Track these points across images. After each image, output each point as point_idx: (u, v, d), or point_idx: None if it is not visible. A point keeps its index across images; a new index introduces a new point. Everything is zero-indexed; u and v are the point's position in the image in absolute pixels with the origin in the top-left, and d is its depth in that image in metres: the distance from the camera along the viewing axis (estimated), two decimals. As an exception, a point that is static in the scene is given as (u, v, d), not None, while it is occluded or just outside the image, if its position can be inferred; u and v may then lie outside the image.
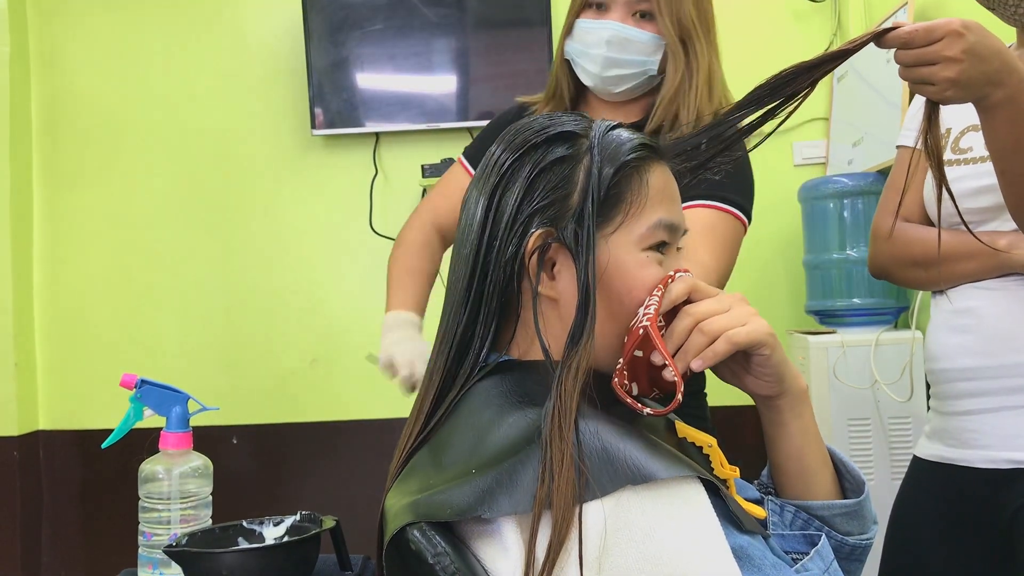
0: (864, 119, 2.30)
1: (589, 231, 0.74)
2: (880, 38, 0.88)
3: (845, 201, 2.18)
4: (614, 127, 0.79)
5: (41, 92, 2.71)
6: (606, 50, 1.28)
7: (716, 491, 0.69)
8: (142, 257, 2.70)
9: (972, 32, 0.87)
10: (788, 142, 2.54)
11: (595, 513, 0.62)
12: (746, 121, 0.85)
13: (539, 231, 0.75)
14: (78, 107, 2.71)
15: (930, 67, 0.88)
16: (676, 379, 0.71)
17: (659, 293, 0.74)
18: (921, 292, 1.87)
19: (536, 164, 0.76)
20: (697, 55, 1.29)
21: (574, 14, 1.32)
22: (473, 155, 1.47)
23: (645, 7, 1.27)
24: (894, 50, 0.89)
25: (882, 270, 1.29)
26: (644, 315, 0.73)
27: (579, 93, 1.39)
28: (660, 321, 0.73)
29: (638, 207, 0.76)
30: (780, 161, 2.54)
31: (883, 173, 2.13)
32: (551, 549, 0.61)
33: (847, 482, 0.83)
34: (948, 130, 1.22)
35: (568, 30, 1.33)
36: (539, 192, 0.75)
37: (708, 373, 0.78)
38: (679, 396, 0.71)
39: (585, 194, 0.75)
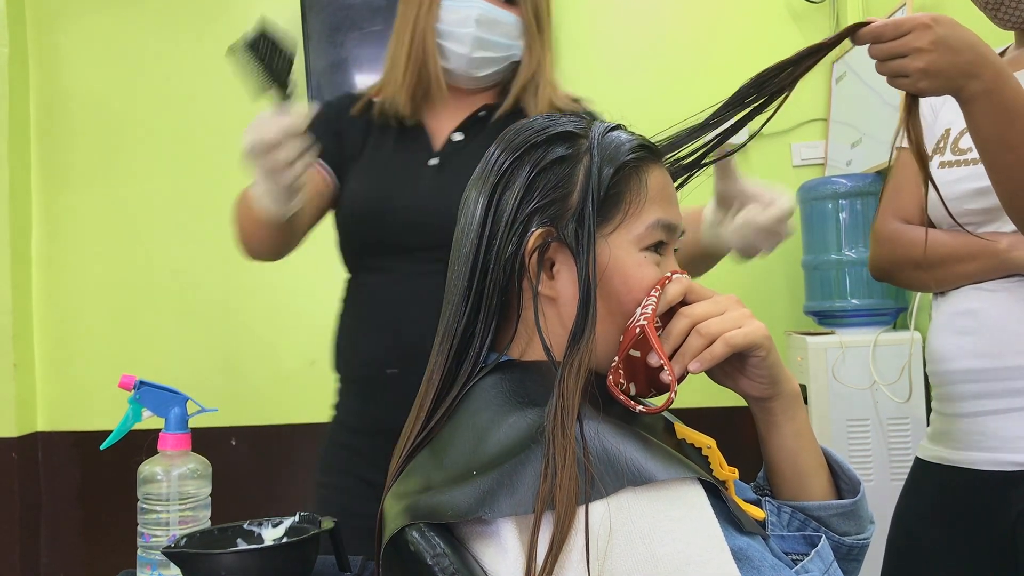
0: (863, 120, 2.30)
1: (589, 230, 0.74)
2: (854, 33, 0.90)
3: (844, 202, 2.18)
4: (613, 128, 0.80)
5: (40, 92, 2.71)
6: (475, 29, 1.24)
7: (716, 492, 0.69)
8: (141, 258, 2.69)
9: (941, 25, 0.89)
10: (787, 143, 2.54)
11: (596, 514, 0.62)
12: (734, 119, 0.86)
13: (539, 230, 0.75)
14: (76, 107, 2.71)
15: (901, 59, 0.90)
16: (671, 379, 0.71)
17: (656, 294, 0.74)
18: (920, 292, 1.87)
19: (536, 164, 0.77)
20: (546, 43, 1.29)
21: None
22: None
23: None
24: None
25: (883, 272, 1.29)
26: (641, 315, 0.73)
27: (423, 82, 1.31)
28: (657, 322, 0.74)
29: (637, 207, 0.77)
30: (779, 162, 2.54)
31: (882, 174, 2.13)
32: (553, 545, 0.61)
33: (842, 482, 0.83)
34: (947, 130, 1.22)
35: (432, 9, 1.26)
36: (539, 191, 0.76)
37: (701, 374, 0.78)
38: (672, 395, 0.71)
39: (585, 193, 0.75)
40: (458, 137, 1.31)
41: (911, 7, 2.01)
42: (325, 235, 2.79)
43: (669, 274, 0.77)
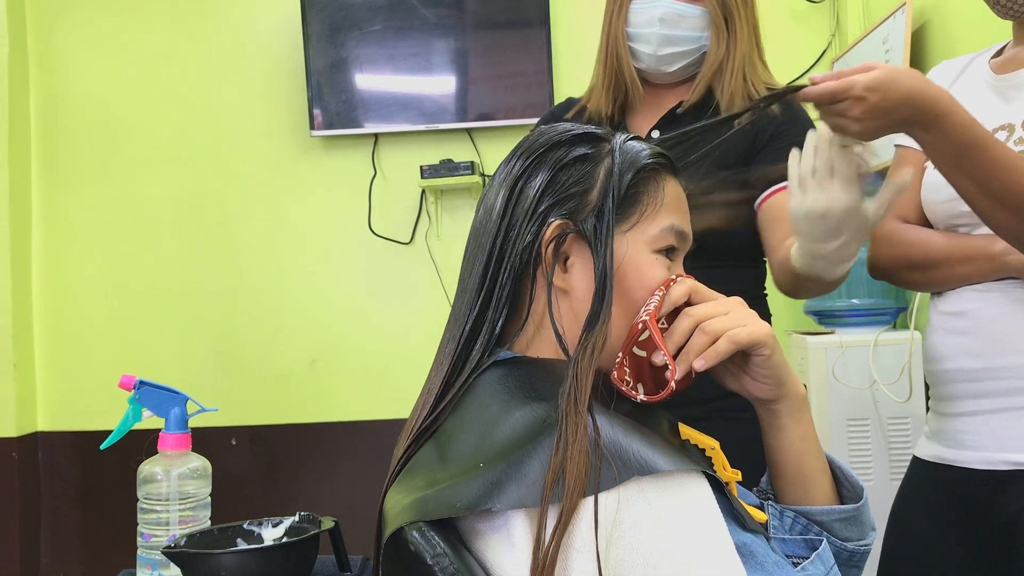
0: (863, 120, 2.29)
1: (608, 224, 0.76)
2: (797, 92, 0.97)
3: (844, 202, 2.17)
4: (633, 138, 0.83)
5: (40, 93, 2.71)
6: (660, 28, 1.30)
7: (719, 488, 0.70)
8: (141, 258, 2.70)
9: (875, 92, 0.91)
10: (787, 143, 2.54)
11: (603, 502, 0.63)
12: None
13: (557, 221, 0.77)
14: (77, 108, 2.71)
15: (842, 118, 0.94)
16: (671, 367, 0.73)
17: (661, 293, 0.76)
18: (919, 292, 1.87)
19: (559, 161, 0.80)
20: (736, 33, 1.32)
21: None
22: None
23: None
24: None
25: (881, 272, 1.29)
26: (644, 311, 0.75)
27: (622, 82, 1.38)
28: (662, 323, 0.75)
29: (653, 209, 0.79)
30: (779, 162, 2.54)
31: (881, 174, 2.12)
32: (562, 515, 0.62)
33: (845, 489, 0.83)
34: None
35: (621, 13, 1.33)
36: (560, 185, 0.79)
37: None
38: (672, 384, 0.73)
39: (605, 191, 0.78)
40: (656, 135, 1.36)
41: (910, 7, 2.00)
42: (325, 235, 2.79)
43: (674, 276, 0.78)
